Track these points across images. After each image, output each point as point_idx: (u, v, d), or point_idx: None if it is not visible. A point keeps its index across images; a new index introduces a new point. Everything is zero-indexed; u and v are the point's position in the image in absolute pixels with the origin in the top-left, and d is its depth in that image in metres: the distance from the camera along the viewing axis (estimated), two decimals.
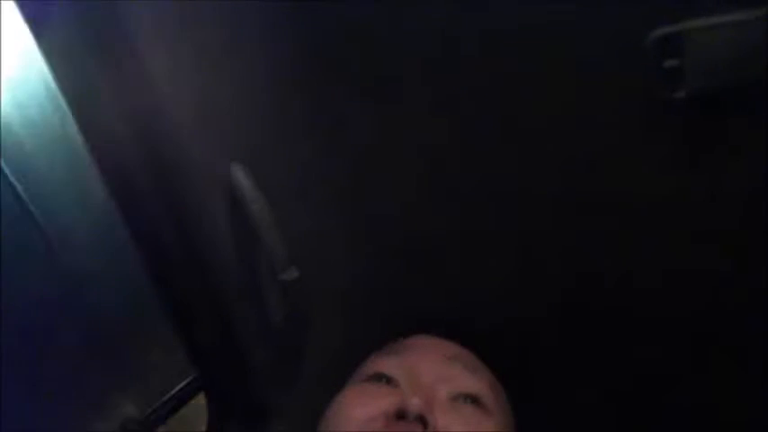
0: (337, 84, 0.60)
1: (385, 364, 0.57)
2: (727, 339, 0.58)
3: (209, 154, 0.55)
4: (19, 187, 0.45)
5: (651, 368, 0.63)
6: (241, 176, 0.54)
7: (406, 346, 0.60)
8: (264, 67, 0.58)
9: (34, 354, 0.52)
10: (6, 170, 0.44)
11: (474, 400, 0.54)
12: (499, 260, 0.64)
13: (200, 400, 0.68)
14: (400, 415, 0.48)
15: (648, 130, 0.54)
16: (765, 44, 0.49)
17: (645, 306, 0.61)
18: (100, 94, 0.49)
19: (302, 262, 0.57)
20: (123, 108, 0.50)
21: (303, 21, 0.58)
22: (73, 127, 0.48)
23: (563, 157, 0.57)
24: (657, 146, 0.54)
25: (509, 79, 0.55)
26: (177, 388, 0.65)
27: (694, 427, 0.63)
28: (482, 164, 0.60)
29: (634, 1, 0.49)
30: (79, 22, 0.48)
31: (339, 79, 0.60)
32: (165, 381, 0.62)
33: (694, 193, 0.55)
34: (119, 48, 0.48)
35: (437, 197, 0.63)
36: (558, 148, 0.57)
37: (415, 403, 0.48)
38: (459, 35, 0.55)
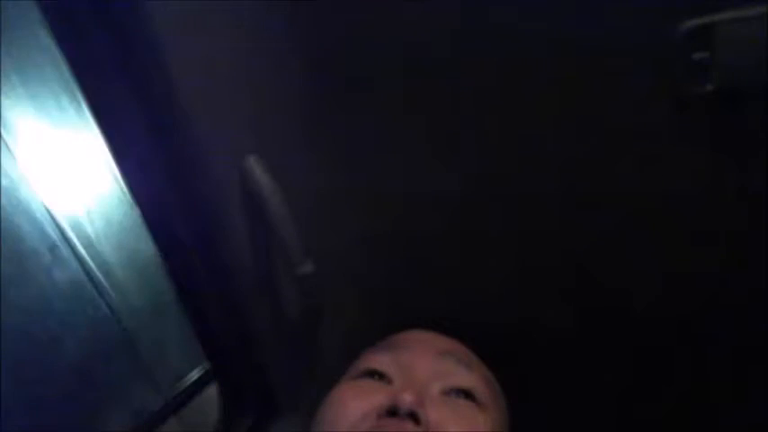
0: (352, 86, 0.59)
1: (378, 359, 0.56)
2: (728, 339, 0.58)
3: (226, 147, 0.55)
4: None
5: (651, 368, 0.63)
6: (257, 169, 0.54)
7: (400, 341, 0.59)
8: (282, 68, 0.58)
9: (48, 346, 0.52)
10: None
11: (467, 394, 0.53)
12: (500, 260, 0.63)
13: (213, 391, 0.68)
14: (392, 411, 0.48)
15: (673, 124, 0.52)
16: None
17: (648, 306, 0.60)
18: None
19: (316, 259, 0.56)
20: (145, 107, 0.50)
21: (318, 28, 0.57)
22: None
23: (578, 155, 0.56)
24: (681, 141, 0.53)
25: (528, 73, 0.54)
26: (190, 380, 0.65)
27: (694, 427, 0.63)
28: (492, 163, 0.59)
29: None
30: None
31: (353, 82, 0.59)
32: (179, 372, 0.62)
33: (715, 190, 0.54)
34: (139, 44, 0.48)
35: (442, 198, 0.62)
36: (572, 144, 0.56)
37: (406, 399, 0.47)
38: (469, 29, 0.53)
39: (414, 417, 0.47)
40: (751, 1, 0.47)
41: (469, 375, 0.55)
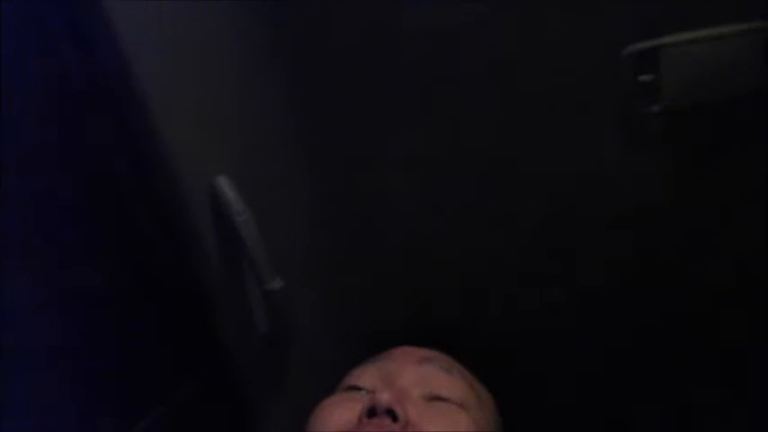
0: (321, 98, 0.61)
1: (362, 373, 0.58)
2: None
3: (196, 165, 0.56)
4: None
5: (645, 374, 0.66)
6: (226, 188, 0.55)
7: (384, 355, 0.61)
8: (251, 80, 0.59)
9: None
10: None
11: (448, 397, 0.54)
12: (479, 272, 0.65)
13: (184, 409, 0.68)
14: (371, 413, 0.49)
15: (623, 143, 0.55)
16: (738, 60, 0.51)
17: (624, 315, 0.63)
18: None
19: (286, 274, 0.58)
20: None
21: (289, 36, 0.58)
22: None
23: (536, 171, 0.59)
24: (632, 158, 0.56)
25: (482, 93, 0.57)
26: (164, 398, 0.65)
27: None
28: (460, 179, 0.61)
29: (610, 16, 0.51)
30: None
31: (323, 93, 0.61)
32: (152, 391, 0.62)
33: (666, 204, 0.56)
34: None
35: (420, 209, 0.64)
36: (531, 161, 0.59)
37: (383, 398, 0.48)
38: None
39: (392, 414, 0.48)
40: (692, 25, 0.50)
41: (450, 379, 0.56)
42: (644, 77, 0.51)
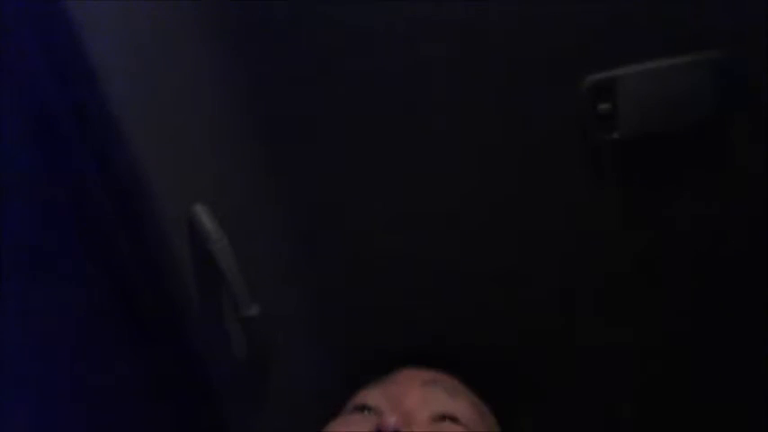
0: (297, 124, 0.62)
1: (368, 395, 0.59)
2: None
3: (174, 193, 0.57)
4: None
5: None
6: (203, 216, 0.56)
7: (390, 377, 0.62)
8: (227, 109, 0.61)
9: None
10: None
11: (453, 419, 0.55)
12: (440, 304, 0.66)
13: None
14: None
15: (582, 170, 0.57)
16: (693, 90, 0.53)
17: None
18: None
19: (264, 301, 0.59)
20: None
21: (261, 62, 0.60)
22: None
23: (494, 202, 0.60)
24: (590, 187, 0.58)
25: (440, 124, 0.58)
26: (141, 426, 0.65)
27: None
28: (443, 199, 0.63)
29: (569, 46, 0.53)
30: None
31: (298, 120, 0.62)
32: (129, 420, 0.62)
33: (625, 233, 0.58)
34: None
35: (403, 229, 0.65)
36: (491, 190, 0.60)
37: (390, 421, 0.49)
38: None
39: None
40: (647, 56, 0.53)
41: (455, 401, 0.57)
42: (603, 107, 0.54)
